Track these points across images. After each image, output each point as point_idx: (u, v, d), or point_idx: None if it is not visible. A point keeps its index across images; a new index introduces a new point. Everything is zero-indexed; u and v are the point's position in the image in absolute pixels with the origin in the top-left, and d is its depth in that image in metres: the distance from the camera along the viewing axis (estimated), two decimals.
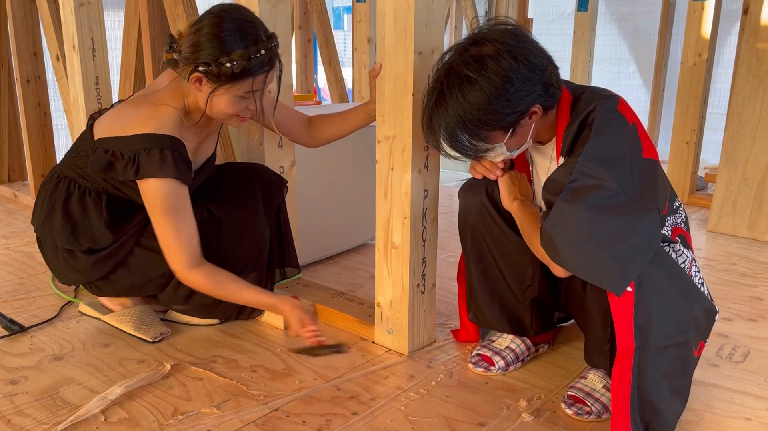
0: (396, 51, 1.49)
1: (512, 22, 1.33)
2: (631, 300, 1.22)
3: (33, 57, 3.08)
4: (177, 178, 1.53)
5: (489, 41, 1.27)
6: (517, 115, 1.28)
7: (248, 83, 1.49)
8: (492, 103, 1.25)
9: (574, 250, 1.22)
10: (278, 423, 1.37)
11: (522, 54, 1.26)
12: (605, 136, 1.26)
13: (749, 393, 1.52)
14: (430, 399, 1.47)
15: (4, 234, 2.68)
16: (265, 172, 1.86)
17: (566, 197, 1.21)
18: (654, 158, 1.30)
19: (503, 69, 1.24)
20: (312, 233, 2.23)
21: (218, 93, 1.49)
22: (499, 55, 1.25)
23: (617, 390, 1.27)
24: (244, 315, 1.81)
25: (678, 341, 1.28)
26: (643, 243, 1.21)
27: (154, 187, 1.53)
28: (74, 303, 1.96)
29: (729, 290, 2.18)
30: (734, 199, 2.78)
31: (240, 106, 1.53)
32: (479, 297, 1.62)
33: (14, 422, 1.36)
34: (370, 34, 3.33)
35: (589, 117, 1.29)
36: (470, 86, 1.25)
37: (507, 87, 1.24)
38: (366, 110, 1.81)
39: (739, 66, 2.76)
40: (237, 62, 1.43)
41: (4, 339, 1.73)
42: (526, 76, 1.25)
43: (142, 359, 1.64)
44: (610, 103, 1.30)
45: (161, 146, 1.51)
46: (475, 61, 1.26)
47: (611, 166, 1.22)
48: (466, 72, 1.26)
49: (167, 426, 1.36)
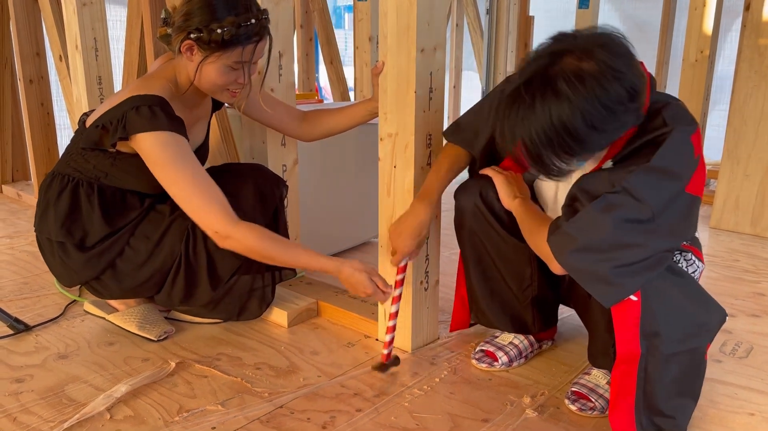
0: (398, 48, 1.50)
1: (610, 30, 1.17)
2: (637, 309, 1.20)
3: (36, 57, 3.09)
4: (171, 130, 1.50)
5: (590, 57, 1.11)
6: (610, 142, 1.18)
7: (237, 52, 1.51)
8: (589, 133, 1.11)
9: (581, 256, 1.21)
10: (283, 420, 1.38)
11: (627, 78, 1.11)
12: (668, 162, 1.16)
13: (753, 389, 1.53)
14: (434, 396, 1.48)
15: (8, 234, 2.69)
16: (263, 172, 1.84)
17: (600, 206, 1.18)
18: (698, 195, 1.23)
19: (608, 97, 1.10)
20: (314, 231, 2.23)
21: (208, 61, 1.51)
22: (603, 77, 1.09)
23: (617, 392, 1.27)
24: (245, 315, 1.81)
25: (689, 347, 1.25)
26: (647, 268, 1.19)
27: (149, 141, 1.49)
28: (79, 302, 1.97)
29: (732, 286, 2.18)
30: (737, 195, 2.78)
31: (230, 77, 1.55)
32: (480, 298, 1.63)
33: (20, 420, 1.37)
34: (371, 32, 3.33)
35: (663, 136, 1.18)
36: (567, 107, 1.10)
37: (609, 118, 1.11)
38: (367, 107, 1.81)
39: (740, 62, 2.76)
40: (227, 29, 1.46)
41: (9, 338, 1.74)
42: (628, 106, 1.12)
43: (147, 357, 1.65)
44: (689, 130, 1.19)
45: (150, 103, 1.51)
46: (576, 77, 1.09)
47: (657, 192, 1.17)
48: (564, 88, 1.10)
49: (173, 423, 1.36)
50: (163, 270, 1.70)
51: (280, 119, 1.87)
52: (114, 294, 1.75)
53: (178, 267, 1.69)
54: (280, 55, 1.92)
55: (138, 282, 1.70)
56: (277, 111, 1.86)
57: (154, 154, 1.51)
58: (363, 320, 1.80)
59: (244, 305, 1.80)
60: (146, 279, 1.70)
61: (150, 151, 1.51)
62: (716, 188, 2.85)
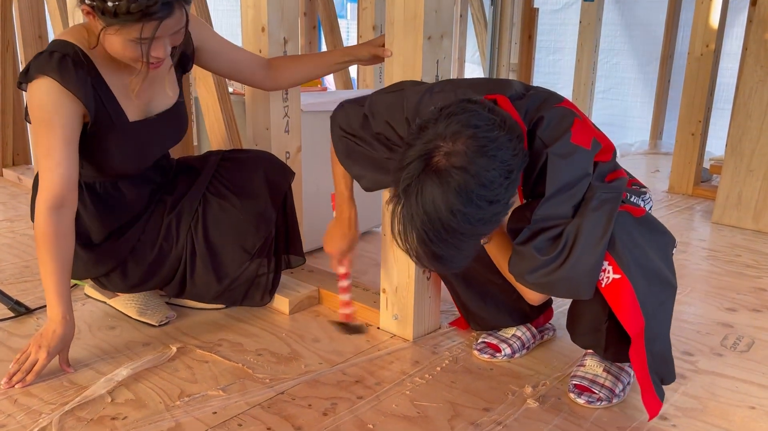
0: (405, 36, 1.49)
1: (472, 109, 1.12)
2: (627, 283, 1.24)
3: (38, 40, 3.07)
4: (58, 79, 1.39)
5: (458, 157, 1.07)
6: (507, 210, 1.17)
7: (137, 28, 1.35)
8: (476, 228, 1.11)
9: (531, 281, 1.28)
10: (284, 406, 1.38)
11: (497, 166, 1.08)
12: (560, 183, 1.22)
13: (754, 382, 1.53)
14: (435, 384, 1.48)
15: (8, 217, 2.68)
16: (271, 159, 1.83)
17: (520, 240, 1.27)
18: (606, 157, 1.31)
19: (485, 194, 1.08)
20: (317, 220, 2.22)
21: (109, 32, 1.38)
22: (476, 178, 1.07)
23: (639, 368, 1.30)
24: (248, 302, 1.81)
25: (665, 280, 1.30)
26: (595, 243, 1.22)
27: (32, 89, 1.40)
28: (80, 287, 1.96)
29: (733, 281, 2.18)
30: (739, 190, 2.78)
31: (136, 51, 1.39)
32: (471, 307, 1.63)
33: (21, 402, 1.37)
34: (375, 21, 3.31)
35: (545, 163, 1.23)
36: (448, 214, 1.08)
37: (492, 206, 1.10)
38: (345, 51, 1.78)
39: (746, 57, 2.75)
40: (121, 3, 1.32)
41: (10, 321, 1.74)
42: (508, 180, 1.11)
43: (148, 342, 1.65)
44: (563, 142, 1.22)
45: (52, 49, 1.43)
46: (452, 187, 1.07)
47: (566, 205, 1.24)
48: (441, 198, 1.07)
49: (174, 407, 1.36)
50: (170, 267, 1.70)
51: (242, 70, 1.75)
52: (120, 290, 1.75)
53: (185, 263, 1.69)
54: (285, 41, 1.90)
55: (146, 278, 1.70)
56: (239, 61, 1.75)
57: (31, 104, 1.42)
58: (365, 308, 1.79)
59: (247, 293, 1.79)
60: (154, 276, 1.70)
61: (31, 101, 1.42)
62: (719, 183, 2.85)
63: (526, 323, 1.64)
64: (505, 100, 1.26)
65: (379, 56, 1.69)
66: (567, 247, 1.22)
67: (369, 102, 1.45)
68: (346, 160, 1.53)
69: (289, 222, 1.85)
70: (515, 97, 1.29)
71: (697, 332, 1.79)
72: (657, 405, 1.31)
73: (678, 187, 3.39)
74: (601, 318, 1.38)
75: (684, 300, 2.00)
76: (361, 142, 1.48)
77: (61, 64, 1.40)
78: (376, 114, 1.42)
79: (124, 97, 1.54)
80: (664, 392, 1.35)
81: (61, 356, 1.49)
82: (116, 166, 1.59)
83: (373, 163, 1.46)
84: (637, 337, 1.27)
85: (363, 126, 1.46)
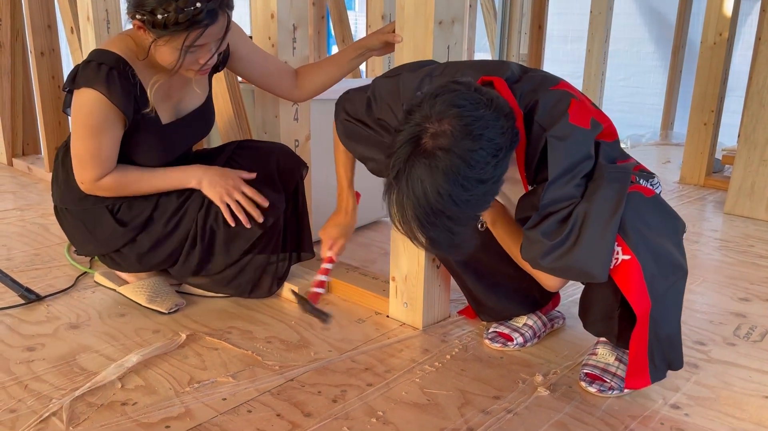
0: (416, 20, 1.47)
1: (458, 87, 1.12)
2: (636, 263, 1.22)
3: (47, 29, 3.07)
4: (105, 94, 1.51)
5: (442, 134, 1.07)
6: (496, 191, 1.16)
7: (185, 36, 1.46)
8: (467, 206, 1.10)
9: (548, 259, 1.26)
10: (293, 392, 1.38)
11: (484, 146, 1.08)
12: (563, 166, 1.20)
13: (767, 372, 1.51)
14: (445, 372, 1.47)
15: (19, 206, 2.69)
16: (285, 149, 1.83)
17: (530, 225, 1.25)
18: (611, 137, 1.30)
19: (474, 174, 1.07)
20: (326, 209, 2.21)
21: (159, 44, 1.49)
22: (461, 162, 1.07)
23: (635, 353, 1.30)
24: (256, 293, 1.80)
25: (676, 262, 1.28)
26: (607, 221, 1.21)
27: (80, 97, 1.54)
28: (90, 275, 1.97)
29: (747, 271, 2.16)
30: (752, 180, 2.75)
31: (187, 59, 1.50)
32: (482, 299, 1.62)
33: (32, 387, 1.37)
34: (384, 10, 3.28)
35: (546, 146, 1.22)
36: (437, 197, 1.07)
37: (481, 186, 1.09)
38: (355, 45, 1.77)
39: (760, 45, 2.71)
40: (170, 14, 1.43)
41: (20, 308, 1.75)
42: (496, 159, 1.10)
43: (158, 329, 1.65)
44: (561, 125, 1.20)
45: (100, 60, 1.53)
46: (438, 171, 1.06)
47: (572, 188, 1.22)
48: (430, 181, 1.07)
49: (183, 393, 1.36)
50: (181, 242, 1.70)
51: (274, 79, 1.80)
52: (132, 267, 1.75)
53: (194, 237, 1.69)
54: (294, 28, 1.89)
55: (157, 254, 1.71)
56: (271, 70, 1.79)
57: (76, 109, 1.55)
58: (374, 296, 1.79)
59: (256, 283, 1.79)
60: (165, 252, 1.71)
61: (76, 105, 1.55)
62: (732, 173, 2.82)
63: (537, 310, 1.63)
64: (502, 83, 1.25)
65: (390, 43, 1.68)
66: (576, 228, 1.21)
67: (372, 87, 1.45)
68: (349, 141, 1.54)
69: (300, 216, 1.84)
70: (512, 80, 1.28)
71: (709, 322, 1.77)
72: (641, 381, 1.33)
73: (690, 178, 3.36)
74: (614, 306, 1.36)
75: (696, 290, 1.98)
76: (365, 127, 1.48)
77: (109, 79, 1.52)
78: (379, 99, 1.43)
79: (160, 100, 1.64)
80: (664, 376, 1.35)
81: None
82: (140, 159, 1.66)
83: (379, 146, 1.45)
84: (642, 317, 1.26)
85: (367, 111, 1.46)
